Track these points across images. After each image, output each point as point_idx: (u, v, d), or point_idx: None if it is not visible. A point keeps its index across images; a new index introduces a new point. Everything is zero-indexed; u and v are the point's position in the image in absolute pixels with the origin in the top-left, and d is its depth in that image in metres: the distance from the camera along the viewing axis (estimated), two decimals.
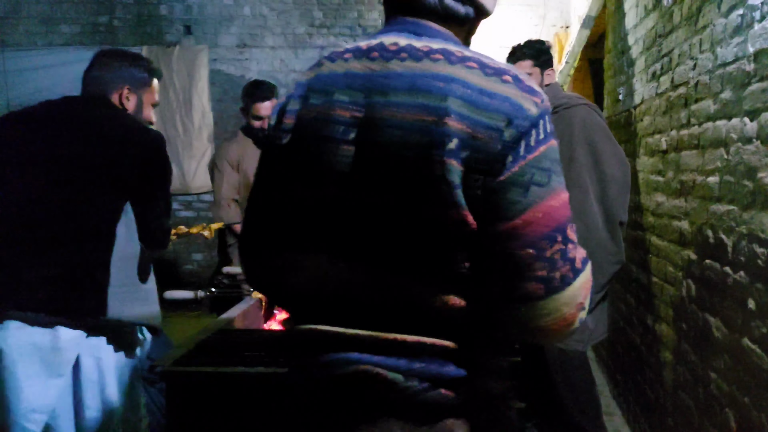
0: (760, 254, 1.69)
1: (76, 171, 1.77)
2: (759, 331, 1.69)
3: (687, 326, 2.28)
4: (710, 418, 2.03)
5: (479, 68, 0.89)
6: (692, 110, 2.25)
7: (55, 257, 1.73)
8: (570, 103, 2.56)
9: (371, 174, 0.90)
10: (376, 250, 0.90)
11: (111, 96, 1.92)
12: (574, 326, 0.88)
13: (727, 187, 1.92)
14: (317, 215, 0.95)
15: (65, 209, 1.75)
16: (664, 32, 2.58)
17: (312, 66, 1.04)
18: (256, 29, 6.17)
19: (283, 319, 2.41)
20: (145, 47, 6.04)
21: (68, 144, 1.79)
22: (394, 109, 0.88)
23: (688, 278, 2.27)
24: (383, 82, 0.91)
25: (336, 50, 1.01)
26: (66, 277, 1.72)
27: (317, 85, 0.98)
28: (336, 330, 0.91)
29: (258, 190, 1.06)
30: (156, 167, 1.87)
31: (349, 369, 0.89)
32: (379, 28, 1.05)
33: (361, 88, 0.92)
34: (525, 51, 2.67)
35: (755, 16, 1.72)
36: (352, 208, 0.91)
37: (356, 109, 0.92)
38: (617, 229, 2.44)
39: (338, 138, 0.92)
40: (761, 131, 1.69)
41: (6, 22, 6.23)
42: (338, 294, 0.93)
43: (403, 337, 0.88)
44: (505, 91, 0.87)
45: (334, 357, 0.91)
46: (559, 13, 5.84)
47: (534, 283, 0.84)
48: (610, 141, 2.52)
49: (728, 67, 1.91)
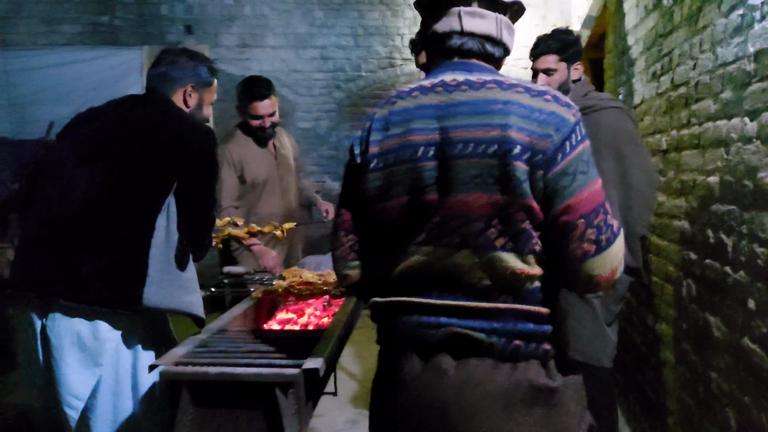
0: (760, 254, 1.69)
1: (125, 166, 1.83)
2: (759, 330, 1.69)
3: (687, 326, 2.28)
4: (710, 418, 2.03)
5: (525, 92, 1.19)
6: (692, 110, 2.25)
7: (99, 249, 1.78)
8: (599, 105, 2.40)
9: (455, 179, 1.18)
10: (469, 236, 1.18)
11: (175, 92, 1.99)
12: (616, 278, 1.18)
13: (727, 187, 1.92)
14: (416, 217, 1.23)
15: (112, 203, 1.80)
16: (665, 32, 2.58)
17: (384, 103, 1.31)
18: (256, 29, 6.17)
19: (284, 319, 2.42)
20: (145, 47, 6.04)
21: (120, 140, 1.86)
22: (465, 129, 1.18)
23: (688, 278, 2.27)
24: (451, 110, 1.20)
25: (402, 90, 1.30)
26: (107, 270, 1.77)
27: (394, 119, 1.26)
28: (428, 301, 1.21)
29: (351, 206, 1.35)
30: (201, 162, 1.88)
31: (441, 330, 1.18)
32: (380, 28, 1.19)
33: (433, 116, 1.21)
34: (550, 44, 2.45)
35: (755, 16, 1.73)
36: (445, 207, 1.19)
37: (431, 133, 1.21)
38: (637, 242, 2.34)
39: (420, 157, 1.21)
40: (761, 131, 1.69)
41: (7, 21, 6.24)
42: (442, 273, 1.20)
43: (483, 304, 1.17)
44: (549, 108, 1.17)
45: (425, 320, 1.20)
46: (560, 13, 5.84)
47: (588, 244, 1.15)
48: (639, 150, 2.37)
49: (728, 67, 1.91)
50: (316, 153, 6.25)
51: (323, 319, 2.41)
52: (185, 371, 1.59)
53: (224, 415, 1.61)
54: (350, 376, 4.06)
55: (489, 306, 1.17)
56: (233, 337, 1.92)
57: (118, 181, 1.82)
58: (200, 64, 2.04)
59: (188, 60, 2.01)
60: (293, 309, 2.52)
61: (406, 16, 6.08)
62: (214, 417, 1.61)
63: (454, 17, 1.27)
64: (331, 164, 6.28)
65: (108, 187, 1.82)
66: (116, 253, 1.78)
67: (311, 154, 6.25)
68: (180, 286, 1.86)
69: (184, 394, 1.59)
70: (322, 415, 3.40)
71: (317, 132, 6.27)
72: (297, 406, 1.59)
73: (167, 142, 1.86)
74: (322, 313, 2.47)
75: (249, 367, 1.59)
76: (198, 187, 1.88)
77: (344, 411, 3.49)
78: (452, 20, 1.27)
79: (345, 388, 3.83)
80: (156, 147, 1.85)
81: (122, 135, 1.88)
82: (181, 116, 1.95)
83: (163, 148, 1.84)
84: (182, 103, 2.00)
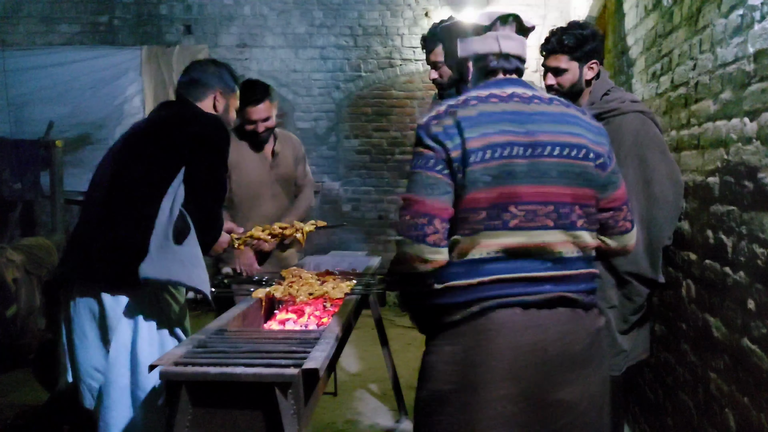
0: (760, 254, 1.70)
1: (138, 153, 2.02)
2: (759, 331, 1.69)
3: (687, 326, 2.28)
4: (710, 419, 2.03)
5: (575, 109, 1.58)
6: (692, 110, 2.25)
7: (108, 229, 1.94)
8: (622, 109, 2.27)
9: (546, 174, 1.47)
10: (558, 219, 1.48)
11: (205, 98, 2.17)
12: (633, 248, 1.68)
13: (726, 187, 1.93)
14: (509, 204, 1.46)
15: (123, 187, 1.98)
16: (664, 32, 2.58)
17: (460, 104, 1.51)
18: (256, 29, 6.17)
19: (284, 319, 2.41)
20: (145, 47, 6.05)
21: (140, 133, 2.10)
22: (550, 134, 1.48)
23: (688, 278, 2.27)
24: (533, 117, 1.49)
25: (475, 95, 1.52)
26: (112, 247, 1.92)
27: (483, 120, 1.48)
28: (532, 274, 1.48)
29: (442, 194, 1.48)
30: (208, 150, 2.01)
31: (543, 295, 1.48)
32: (379, 28, 1.17)
33: (518, 120, 1.48)
34: (561, 41, 2.29)
35: (755, 16, 1.73)
36: (536, 196, 1.47)
37: (520, 135, 1.47)
38: (658, 254, 2.24)
39: (513, 154, 1.46)
40: (761, 131, 1.69)
41: (6, 21, 6.23)
42: (536, 249, 1.48)
43: (573, 271, 1.51)
44: (595, 123, 1.59)
45: (529, 289, 1.48)
46: (559, 13, 5.84)
47: (627, 222, 1.61)
48: (664, 158, 2.24)
49: (728, 68, 1.91)
50: (315, 153, 6.25)
51: (323, 319, 2.40)
52: (185, 371, 1.59)
53: (223, 416, 1.61)
54: (350, 376, 4.06)
55: (576, 273, 1.52)
56: (233, 337, 1.92)
57: (128, 165, 2.00)
58: (225, 72, 2.24)
59: (215, 68, 2.23)
60: (293, 309, 2.52)
61: (405, 16, 6.09)
62: (213, 417, 1.61)
63: (492, 40, 1.56)
64: (331, 164, 6.28)
65: (121, 173, 2.00)
66: (121, 230, 1.91)
67: (310, 154, 6.23)
68: (178, 260, 1.88)
69: (184, 394, 1.59)
70: (322, 415, 3.40)
71: (316, 132, 6.27)
72: (296, 407, 1.58)
73: (177, 131, 2.02)
74: (321, 313, 2.47)
75: (248, 367, 1.59)
76: (204, 173, 1.97)
77: (344, 411, 3.49)
78: (491, 42, 1.56)
79: (345, 388, 3.83)
80: (167, 136, 2.01)
81: (143, 129, 2.11)
82: (196, 111, 2.11)
83: (173, 137, 2.00)
84: (211, 108, 2.18)
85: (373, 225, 6.27)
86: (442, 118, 1.49)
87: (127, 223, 1.91)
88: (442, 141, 1.47)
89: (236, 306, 2.31)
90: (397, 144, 6.23)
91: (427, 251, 1.45)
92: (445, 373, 1.49)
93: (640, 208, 2.19)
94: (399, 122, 6.20)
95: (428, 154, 1.47)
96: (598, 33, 2.35)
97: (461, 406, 1.47)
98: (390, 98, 6.20)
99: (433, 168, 1.47)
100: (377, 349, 3.45)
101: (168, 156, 1.95)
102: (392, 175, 6.25)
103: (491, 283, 1.47)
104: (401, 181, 6.21)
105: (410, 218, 1.46)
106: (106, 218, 1.95)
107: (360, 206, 6.29)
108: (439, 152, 1.47)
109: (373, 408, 3.54)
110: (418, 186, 1.47)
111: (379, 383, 3.89)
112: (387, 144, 6.24)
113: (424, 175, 1.47)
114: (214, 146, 2.02)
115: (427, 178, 1.47)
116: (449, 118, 1.48)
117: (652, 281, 2.26)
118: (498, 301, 1.46)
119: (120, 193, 1.97)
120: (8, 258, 3.98)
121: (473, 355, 1.46)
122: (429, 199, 1.46)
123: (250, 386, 1.57)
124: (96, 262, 1.92)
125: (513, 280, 1.47)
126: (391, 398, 3.56)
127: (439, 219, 1.46)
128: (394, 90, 6.16)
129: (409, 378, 3.93)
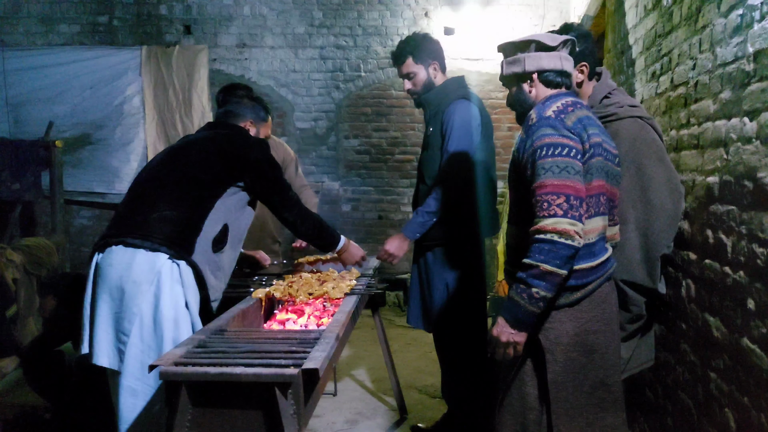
0: (759, 254, 1.70)
1: (194, 159, 2.31)
2: (758, 331, 1.69)
3: (686, 326, 2.28)
4: (710, 418, 2.03)
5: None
6: (692, 110, 2.25)
7: (169, 204, 2.18)
8: (619, 114, 2.25)
9: (610, 173, 1.90)
10: (608, 210, 1.94)
11: (239, 124, 2.52)
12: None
13: (726, 187, 1.93)
14: (601, 195, 1.86)
15: (185, 179, 2.25)
16: (664, 32, 2.58)
17: (565, 110, 1.81)
18: (255, 29, 6.17)
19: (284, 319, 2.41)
20: (144, 47, 6.05)
21: (195, 143, 2.40)
22: (608, 143, 1.91)
23: (688, 278, 2.27)
24: (601, 127, 1.92)
25: (572, 101, 1.87)
26: (174, 219, 2.15)
27: (585, 122, 1.82)
28: (608, 254, 1.96)
29: (580, 180, 1.76)
30: (261, 169, 2.35)
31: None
32: (379, 28, 1.15)
33: (598, 126, 1.89)
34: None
35: (755, 16, 1.73)
36: (607, 190, 1.89)
37: (600, 139, 1.85)
38: (656, 263, 2.19)
39: (601, 153, 1.85)
40: (761, 131, 1.69)
41: (5, 21, 6.23)
42: (607, 234, 1.97)
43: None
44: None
45: (610, 263, 1.97)
46: (559, 13, 5.84)
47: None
48: (662, 164, 2.20)
49: (728, 67, 1.91)
50: (314, 153, 6.25)
51: (323, 319, 2.40)
52: (184, 371, 1.59)
53: (223, 416, 1.61)
54: (350, 376, 4.06)
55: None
56: (232, 337, 1.92)
57: (189, 162, 2.30)
58: (258, 104, 2.60)
59: (249, 101, 2.59)
60: (293, 309, 2.52)
61: (405, 16, 6.08)
62: (213, 417, 1.61)
63: (557, 59, 1.89)
64: (330, 164, 6.28)
65: (181, 166, 2.29)
66: (182, 209, 2.18)
67: (310, 154, 6.25)
68: (212, 264, 2.22)
69: (183, 394, 1.59)
70: (322, 415, 3.40)
71: (316, 132, 6.27)
72: (296, 407, 1.58)
73: (240, 150, 2.34)
74: (321, 313, 2.47)
75: (248, 367, 1.59)
76: (269, 186, 2.38)
77: (344, 411, 3.49)
78: (556, 61, 1.88)
79: (345, 388, 3.83)
80: (218, 153, 2.33)
81: (197, 140, 2.42)
82: (241, 132, 2.46)
83: (236, 154, 2.33)
84: None
85: (373, 225, 6.27)
86: (567, 114, 1.79)
87: (187, 204, 2.19)
88: (579, 133, 1.78)
89: (236, 306, 2.31)
90: (396, 144, 6.23)
91: (578, 227, 1.70)
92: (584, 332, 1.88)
93: (637, 215, 2.16)
94: (399, 122, 6.20)
95: (569, 144, 1.74)
96: (586, 35, 2.28)
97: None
98: (390, 98, 6.19)
99: (575, 157, 1.75)
100: (377, 349, 3.45)
101: (219, 167, 2.28)
102: (392, 175, 6.25)
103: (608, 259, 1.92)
104: (401, 181, 6.22)
105: (565, 201, 1.71)
106: (164, 195, 2.20)
107: (360, 206, 6.29)
108: (577, 142, 1.76)
109: (373, 408, 3.54)
110: (564, 173, 1.72)
111: (379, 383, 3.90)
112: (387, 144, 6.24)
113: (568, 162, 1.73)
114: (264, 166, 2.36)
115: (569, 166, 1.73)
116: (571, 115, 1.80)
117: (651, 291, 2.22)
118: (608, 279, 1.94)
119: (176, 184, 2.23)
120: (8, 258, 3.98)
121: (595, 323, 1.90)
122: (577, 183, 1.73)
123: (250, 386, 1.57)
124: (156, 227, 2.12)
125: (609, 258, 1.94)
126: (391, 398, 3.56)
127: (583, 200, 1.75)
128: (394, 90, 6.16)
129: (409, 378, 3.93)
